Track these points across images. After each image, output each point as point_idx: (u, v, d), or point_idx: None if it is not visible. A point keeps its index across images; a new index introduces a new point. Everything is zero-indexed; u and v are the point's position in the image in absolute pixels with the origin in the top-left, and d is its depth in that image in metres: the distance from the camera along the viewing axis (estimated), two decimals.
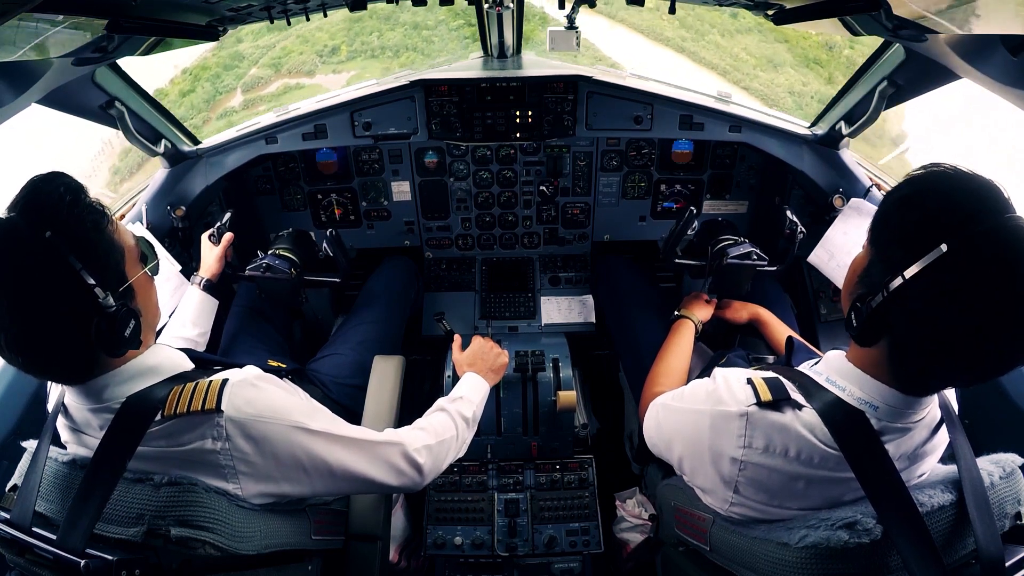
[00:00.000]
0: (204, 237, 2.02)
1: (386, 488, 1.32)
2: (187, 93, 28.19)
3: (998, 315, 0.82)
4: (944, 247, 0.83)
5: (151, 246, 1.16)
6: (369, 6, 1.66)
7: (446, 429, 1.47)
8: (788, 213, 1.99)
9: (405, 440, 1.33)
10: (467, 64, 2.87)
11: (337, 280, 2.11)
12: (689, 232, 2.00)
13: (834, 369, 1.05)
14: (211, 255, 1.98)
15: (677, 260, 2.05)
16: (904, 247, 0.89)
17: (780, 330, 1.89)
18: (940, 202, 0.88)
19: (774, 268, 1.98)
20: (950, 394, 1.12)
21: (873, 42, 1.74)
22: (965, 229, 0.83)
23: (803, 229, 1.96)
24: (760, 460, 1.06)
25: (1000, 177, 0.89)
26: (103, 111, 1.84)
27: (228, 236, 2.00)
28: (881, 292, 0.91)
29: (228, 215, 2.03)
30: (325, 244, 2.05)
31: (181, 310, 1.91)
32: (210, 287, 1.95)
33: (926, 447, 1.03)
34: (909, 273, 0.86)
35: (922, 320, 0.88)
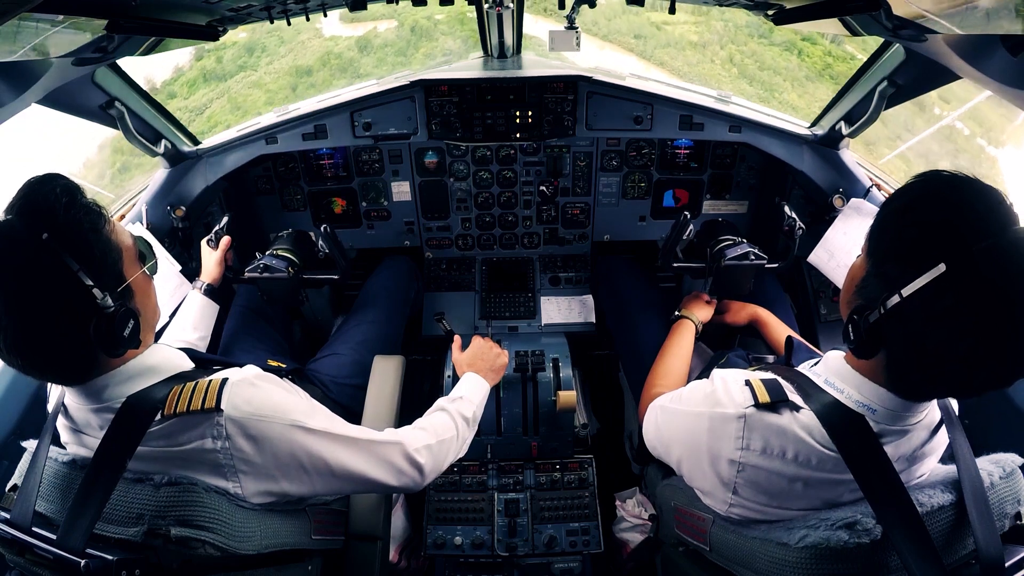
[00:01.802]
0: (203, 243, 2.03)
1: (386, 488, 1.32)
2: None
3: (997, 335, 0.80)
4: (943, 267, 0.80)
5: (149, 246, 1.16)
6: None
7: (446, 429, 1.46)
8: (786, 209, 1.98)
9: (405, 440, 1.33)
10: (467, 64, 2.87)
11: (336, 277, 2.11)
12: (685, 236, 2.00)
13: (833, 371, 1.05)
14: (211, 260, 2.00)
15: (676, 264, 2.05)
16: (901, 263, 0.86)
17: (780, 330, 1.89)
18: (939, 215, 0.84)
19: (776, 265, 1.98)
20: None
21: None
22: (965, 246, 0.79)
23: (802, 225, 1.96)
24: (758, 462, 1.05)
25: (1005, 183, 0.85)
26: (103, 111, 1.84)
27: (226, 240, 2.02)
28: (878, 308, 0.89)
29: (225, 219, 2.05)
30: (320, 240, 2.06)
31: (182, 314, 1.91)
32: (211, 291, 1.95)
33: (925, 448, 1.02)
34: (906, 292, 0.84)
35: (919, 338, 0.86)
